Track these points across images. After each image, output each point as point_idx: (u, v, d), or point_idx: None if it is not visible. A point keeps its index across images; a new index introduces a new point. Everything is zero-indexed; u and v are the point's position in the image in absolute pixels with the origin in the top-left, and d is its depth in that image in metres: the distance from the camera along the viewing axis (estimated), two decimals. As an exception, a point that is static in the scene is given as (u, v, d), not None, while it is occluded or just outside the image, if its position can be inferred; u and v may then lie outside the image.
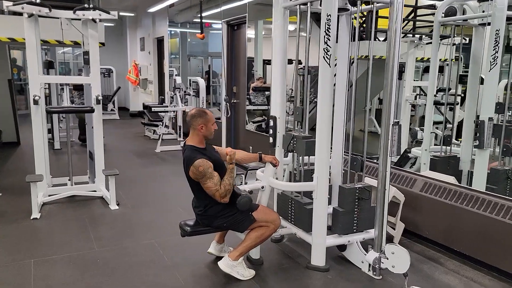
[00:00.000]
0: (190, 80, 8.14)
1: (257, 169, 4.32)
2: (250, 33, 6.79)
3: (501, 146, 3.89)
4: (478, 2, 4.05)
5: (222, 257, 3.18)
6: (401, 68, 6.79)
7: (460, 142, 4.83)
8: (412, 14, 8.62)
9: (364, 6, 3.09)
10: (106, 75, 12.02)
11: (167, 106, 7.60)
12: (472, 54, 4.45)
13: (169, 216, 4.24)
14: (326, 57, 2.90)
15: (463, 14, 4.30)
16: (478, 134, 3.73)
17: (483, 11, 3.98)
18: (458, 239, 3.34)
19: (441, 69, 6.49)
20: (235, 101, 7.07)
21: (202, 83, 7.00)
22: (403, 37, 7.59)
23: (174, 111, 7.97)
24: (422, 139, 4.83)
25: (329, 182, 3.18)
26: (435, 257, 3.38)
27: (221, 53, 15.10)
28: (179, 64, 10.71)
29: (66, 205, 4.50)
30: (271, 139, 3.52)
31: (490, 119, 3.70)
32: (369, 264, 3.06)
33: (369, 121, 10.18)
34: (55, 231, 3.81)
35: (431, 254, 3.43)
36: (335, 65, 3.14)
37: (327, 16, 2.86)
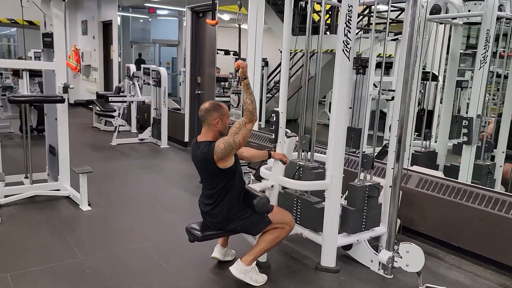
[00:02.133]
0: (143, 68, 7.62)
1: (245, 165, 4.13)
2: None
3: (484, 142, 4.04)
4: (463, 2, 4.15)
5: (226, 261, 2.99)
6: (365, 64, 6.91)
7: (417, 135, 5.00)
8: (367, 10, 8.81)
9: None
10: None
11: (126, 96, 7.07)
12: (450, 52, 4.58)
13: (150, 216, 3.91)
14: (346, 50, 2.78)
15: (446, 13, 4.40)
16: (467, 131, 3.84)
17: (469, 10, 4.08)
18: (455, 234, 3.40)
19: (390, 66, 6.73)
20: (199, 92, 6.75)
21: (164, 72, 6.59)
22: (357, 32, 7.69)
23: (130, 102, 7.45)
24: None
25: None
26: (434, 253, 3.42)
27: (168, 41, 14.43)
28: (121, 51, 10.10)
29: (28, 206, 3.98)
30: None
31: (479, 116, 3.82)
32: (379, 263, 3.01)
33: (323, 113, 10.34)
34: (25, 238, 3.34)
35: (429, 250, 3.46)
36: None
37: (349, 7, 2.73)
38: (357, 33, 8.10)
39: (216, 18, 3.97)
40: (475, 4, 4.02)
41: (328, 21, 8.29)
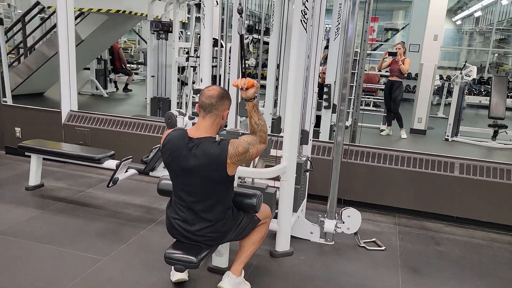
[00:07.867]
0: None
1: (130, 158, 3.42)
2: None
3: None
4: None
5: (183, 281, 2.47)
6: (168, 28, 6.57)
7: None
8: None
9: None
10: None
11: None
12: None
13: (15, 255, 2.70)
14: (303, 21, 2.57)
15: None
16: (327, 96, 4.27)
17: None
18: (344, 189, 3.83)
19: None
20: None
21: None
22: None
23: None
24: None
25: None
26: (330, 210, 3.77)
27: None
28: None
29: None
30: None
31: (335, 82, 4.29)
32: (320, 233, 3.13)
33: (90, 82, 9.18)
34: None
35: (325, 208, 3.78)
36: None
37: (307, -26, 2.52)
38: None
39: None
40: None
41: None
